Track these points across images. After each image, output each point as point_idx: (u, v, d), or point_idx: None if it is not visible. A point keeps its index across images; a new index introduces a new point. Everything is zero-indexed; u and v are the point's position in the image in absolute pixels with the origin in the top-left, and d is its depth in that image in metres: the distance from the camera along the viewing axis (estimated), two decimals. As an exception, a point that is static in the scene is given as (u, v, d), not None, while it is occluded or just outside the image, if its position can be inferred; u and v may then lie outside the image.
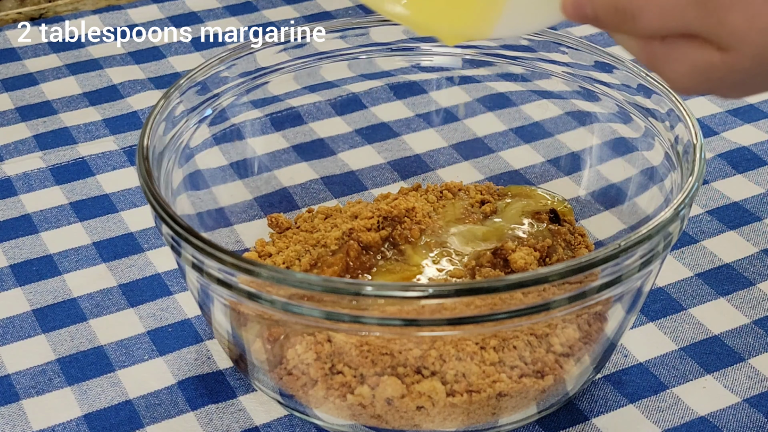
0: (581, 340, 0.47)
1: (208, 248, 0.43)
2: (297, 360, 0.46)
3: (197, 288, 0.47)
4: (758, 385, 0.51)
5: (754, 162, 0.65)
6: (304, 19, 0.81)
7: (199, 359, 0.52)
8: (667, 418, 0.49)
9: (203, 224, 0.55)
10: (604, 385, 0.51)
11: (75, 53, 0.77)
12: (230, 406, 0.50)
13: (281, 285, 0.41)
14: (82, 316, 0.55)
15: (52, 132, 0.68)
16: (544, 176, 0.62)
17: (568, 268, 0.41)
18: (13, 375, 0.52)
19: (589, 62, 0.56)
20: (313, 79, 0.61)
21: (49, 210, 0.62)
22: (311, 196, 0.61)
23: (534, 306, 0.42)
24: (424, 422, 0.46)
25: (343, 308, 0.41)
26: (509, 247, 0.52)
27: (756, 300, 0.56)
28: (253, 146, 0.60)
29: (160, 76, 0.74)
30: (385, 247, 0.53)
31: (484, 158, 0.63)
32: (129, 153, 0.66)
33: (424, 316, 0.42)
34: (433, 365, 0.45)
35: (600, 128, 0.58)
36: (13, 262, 0.58)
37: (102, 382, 0.51)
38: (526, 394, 0.46)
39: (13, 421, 0.49)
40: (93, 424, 0.49)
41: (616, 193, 0.57)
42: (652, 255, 0.44)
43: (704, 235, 0.60)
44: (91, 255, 0.59)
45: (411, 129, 0.66)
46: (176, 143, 0.52)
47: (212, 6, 0.82)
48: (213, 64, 0.55)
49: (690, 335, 0.54)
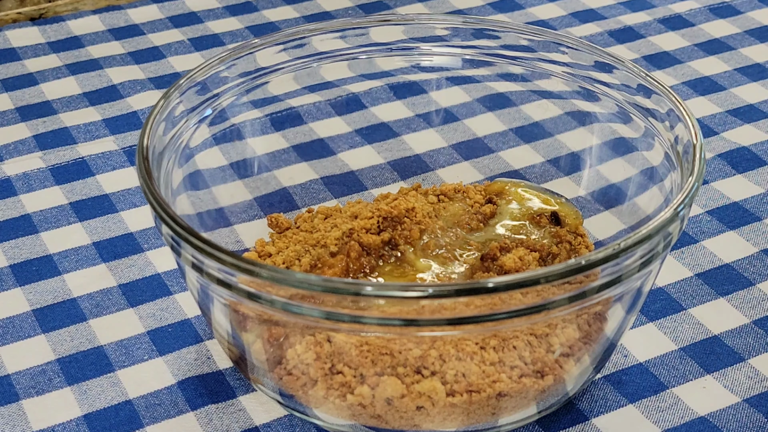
0: (581, 340, 0.47)
1: (207, 248, 0.43)
2: (297, 360, 0.46)
3: (197, 288, 0.47)
4: (758, 385, 0.51)
5: (754, 162, 0.65)
6: (304, 19, 0.81)
7: (199, 359, 0.52)
8: (667, 418, 0.49)
9: (203, 224, 0.55)
10: (604, 385, 0.51)
11: (75, 53, 0.77)
12: (230, 406, 0.50)
13: (281, 285, 0.41)
14: (82, 316, 0.55)
15: (52, 132, 0.68)
16: (544, 176, 0.62)
17: (568, 268, 0.41)
18: (13, 375, 0.52)
19: (589, 62, 0.56)
20: (313, 79, 0.61)
21: (49, 210, 0.62)
22: (311, 196, 0.61)
23: (534, 306, 0.42)
24: (424, 422, 0.46)
25: (343, 308, 0.41)
26: (495, 251, 0.52)
27: (756, 300, 0.56)
28: (253, 146, 0.60)
29: (160, 76, 0.74)
30: (385, 249, 0.53)
31: (484, 158, 0.63)
32: (129, 153, 0.66)
33: (424, 316, 0.42)
34: (433, 365, 0.45)
35: (600, 128, 0.58)
36: (13, 262, 0.58)
37: (102, 382, 0.51)
38: (526, 394, 0.46)
39: (13, 421, 0.49)
40: (93, 424, 0.49)
41: (616, 193, 0.57)
42: (652, 255, 0.44)
43: (704, 235, 0.60)
44: (91, 255, 0.59)
45: (411, 129, 0.66)
46: (176, 143, 0.52)
47: (212, 6, 0.82)
48: (213, 64, 0.55)
49: (690, 335, 0.54)
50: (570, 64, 0.57)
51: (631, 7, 0.82)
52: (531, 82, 0.60)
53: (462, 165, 0.63)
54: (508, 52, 0.59)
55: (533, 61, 0.58)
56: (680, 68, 0.75)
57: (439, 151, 0.64)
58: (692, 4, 0.82)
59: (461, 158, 0.63)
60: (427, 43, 0.60)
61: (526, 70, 0.59)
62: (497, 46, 0.59)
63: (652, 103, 0.53)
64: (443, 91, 0.64)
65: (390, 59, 0.61)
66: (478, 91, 0.64)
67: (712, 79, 0.73)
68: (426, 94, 0.66)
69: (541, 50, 0.58)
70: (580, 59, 0.57)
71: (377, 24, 0.59)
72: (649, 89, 0.53)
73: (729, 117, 0.69)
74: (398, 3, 0.83)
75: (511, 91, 0.63)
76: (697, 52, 0.77)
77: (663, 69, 0.75)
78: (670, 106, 0.51)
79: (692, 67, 0.75)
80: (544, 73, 0.58)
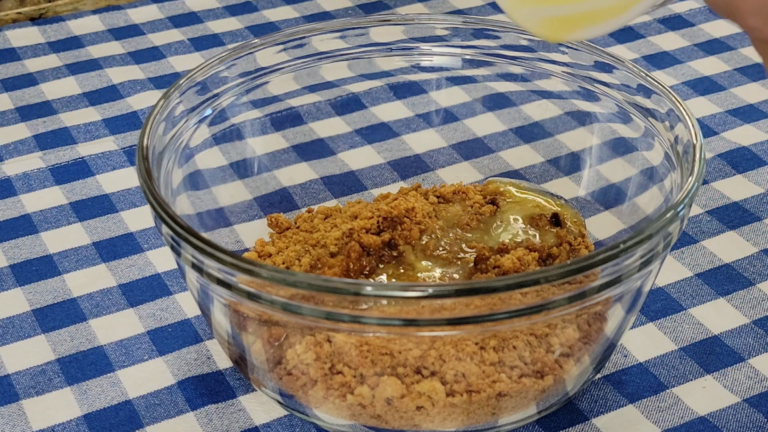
0: (581, 340, 0.47)
1: (207, 248, 0.43)
2: (297, 360, 0.46)
3: (197, 288, 0.47)
4: (758, 385, 0.51)
5: (754, 162, 0.65)
6: (304, 19, 0.81)
7: (199, 359, 0.52)
8: (667, 418, 0.49)
9: (203, 224, 0.55)
10: (604, 385, 0.51)
11: (75, 53, 0.77)
12: (230, 406, 0.50)
13: (281, 285, 0.41)
14: (82, 316, 0.55)
15: (52, 132, 0.68)
16: (544, 176, 0.62)
17: (568, 268, 0.41)
18: (13, 375, 0.52)
19: (589, 62, 0.56)
20: (313, 79, 0.61)
21: (49, 210, 0.62)
22: (311, 196, 0.61)
23: (534, 306, 0.42)
24: (424, 422, 0.46)
25: (343, 308, 0.41)
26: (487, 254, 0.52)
27: (756, 300, 0.56)
28: (253, 146, 0.60)
29: (160, 76, 0.74)
30: (385, 249, 0.53)
31: (484, 158, 0.63)
32: (129, 153, 0.66)
33: (424, 316, 0.42)
34: (432, 365, 0.45)
35: (600, 128, 0.58)
36: (13, 262, 0.58)
37: (102, 382, 0.51)
38: (526, 394, 0.46)
39: (13, 421, 0.49)
40: (93, 424, 0.49)
41: (616, 193, 0.57)
42: (652, 255, 0.44)
43: (704, 235, 0.60)
44: (90, 255, 0.59)
45: (411, 129, 0.66)
46: (176, 143, 0.52)
47: (212, 6, 0.82)
48: (213, 64, 0.55)
49: (690, 335, 0.54)
50: (570, 64, 0.57)
51: (631, 7, 0.82)
52: (531, 82, 0.60)
53: (462, 165, 0.63)
54: (508, 52, 0.59)
55: (533, 61, 0.58)
56: (680, 68, 0.75)
57: (438, 151, 0.64)
58: (692, 4, 0.82)
59: (461, 158, 0.63)
60: (427, 43, 0.60)
61: (526, 70, 0.59)
62: (497, 46, 0.59)
63: (652, 103, 0.53)
64: (443, 91, 0.64)
65: (390, 59, 0.61)
66: (478, 91, 0.64)
67: (712, 79, 0.73)
68: (426, 94, 0.66)
69: (541, 50, 0.58)
70: (580, 59, 0.57)
71: (377, 24, 0.59)
72: (649, 89, 0.53)
73: (729, 117, 0.69)
74: (398, 3, 0.83)
75: (511, 91, 0.63)
76: (697, 52, 0.77)
77: (663, 69, 0.75)
78: (670, 106, 0.51)
79: (692, 67, 0.75)
80: (544, 73, 0.58)
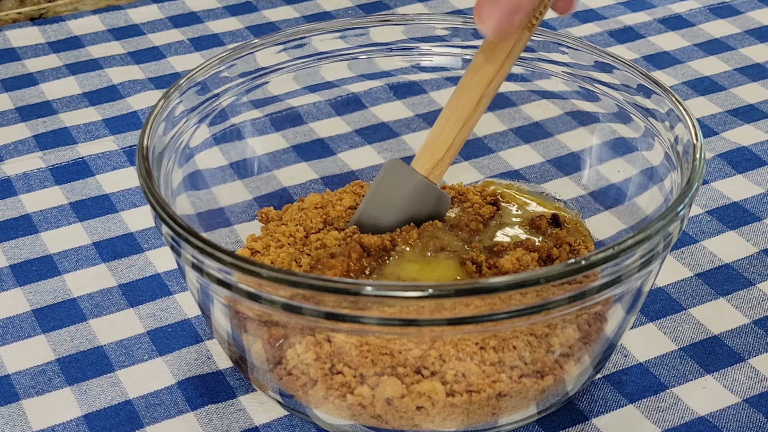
0: (581, 341, 0.47)
1: (207, 248, 0.43)
2: (297, 360, 0.46)
3: (197, 288, 0.47)
4: (758, 385, 0.51)
5: (754, 162, 0.65)
6: (304, 19, 0.81)
7: (199, 359, 0.52)
8: (667, 418, 0.49)
9: (203, 224, 0.55)
10: (604, 385, 0.51)
11: (75, 53, 0.77)
12: (230, 406, 0.50)
13: (281, 285, 0.41)
14: (82, 316, 0.55)
15: (51, 132, 0.68)
16: (544, 176, 0.62)
17: (568, 268, 0.41)
18: (13, 375, 0.52)
19: (589, 62, 0.56)
20: (313, 79, 0.61)
21: (49, 210, 0.62)
22: (311, 196, 0.61)
23: (534, 306, 0.42)
24: (424, 422, 0.46)
25: (343, 308, 0.41)
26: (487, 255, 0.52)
27: (756, 300, 0.56)
28: (253, 146, 0.60)
29: (160, 76, 0.74)
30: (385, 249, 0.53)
31: (484, 158, 0.63)
32: (129, 153, 0.66)
33: (424, 316, 0.42)
34: (432, 365, 0.45)
35: (600, 128, 0.58)
36: (13, 262, 0.58)
37: (102, 382, 0.51)
38: (526, 394, 0.46)
39: (13, 421, 0.49)
40: (93, 424, 0.49)
41: (616, 193, 0.57)
42: (652, 255, 0.44)
43: (704, 235, 0.60)
44: (91, 255, 0.59)
45: (411, 129, 0.66)
46: (176, 143, 0.52)
47: (212, 6, 0.82)
48: (213, 64, 0.55)
49: (690, 335, 0.54)
50: (570, 64, 0.57)
51: (631, 7, 0.82)
52: (531, 82, 0.60)
53: (462, 165, 0.63)
54: (508, 52, 0.59)
55: (533, 61, 0.58)
56: (680, 68, 0.75)
57: (439, 151, 0.64)
58: (692, 4, 0.82)
59: (461, 158, 0.63)
60: (427, 43, 0.60)
61: (526, 70, 0.59)
62: (497, 46, 0.59)
63: (652, 103, 0.53)
64: (443, 91, 0.64)
65: (390, 59, 0.61)
66: (478, 91, 0.64)
67: (712, 79, 0.73)
68: (426, 94, 0.66)
69: (541, 50, 0.58)
70: (580, 59, 0.57)
71: (377, 24, 0.59)
72: (649, 89, 0.53)
73: (729, 117, 0.69)
74: (398, 3, 0.83)
75: (511, 91, 0.63)
76: (697, 52, 0.77)
77: (663, 69, 0.75)
78: (670, 106, 0.51)
79: (692, 67, 0.75)
80: (544, 73, 0.58)
